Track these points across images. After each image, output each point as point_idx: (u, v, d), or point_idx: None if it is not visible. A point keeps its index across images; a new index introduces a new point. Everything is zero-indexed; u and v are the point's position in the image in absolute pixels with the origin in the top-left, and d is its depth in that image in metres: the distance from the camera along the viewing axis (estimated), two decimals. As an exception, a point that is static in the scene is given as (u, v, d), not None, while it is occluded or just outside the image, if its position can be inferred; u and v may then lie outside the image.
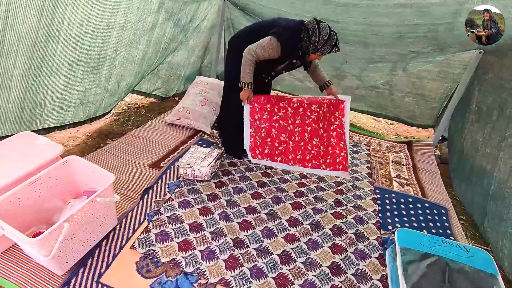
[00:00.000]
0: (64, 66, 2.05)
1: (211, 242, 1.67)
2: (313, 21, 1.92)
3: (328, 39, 1.90)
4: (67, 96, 2.20)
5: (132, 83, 2.73)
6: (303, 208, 1.99)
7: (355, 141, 3.04)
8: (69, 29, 1.92)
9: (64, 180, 1.59)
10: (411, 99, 3.37)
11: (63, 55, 1.99)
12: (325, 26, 1.90)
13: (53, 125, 2.24)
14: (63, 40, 1.93)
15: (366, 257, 1.71)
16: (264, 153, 2.19)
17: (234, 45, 2.14)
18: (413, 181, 2.54)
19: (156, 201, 1.89)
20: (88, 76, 2.27)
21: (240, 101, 2.13)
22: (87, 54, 2.15)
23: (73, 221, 1.33)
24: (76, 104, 2.30)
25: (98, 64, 2.28)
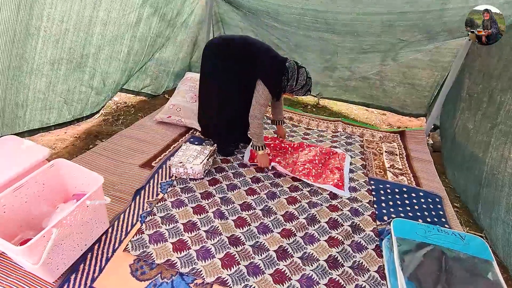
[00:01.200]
0: (45, 64, 1.98)
1: (206, 241, 1.64)
2: (294, 64, 2.03)
3: (304, 85, 2.05)
4: (50, 95, 2.13)
5: (119, 80, 2.66)
6: (299, 203, 1.97)
7: (348, 133, 3.03)
8: (49, 26, 1.84)
9: (52, 184, 1.54)
10: (402, 88, 3.37)
11: (43, 53, 1.92)
12: (304, 72, 2.03)
13: (38, 126, 2.17)
14: (43, 38, 1.85)
15: (363, 249, 1.70)
16: None
17: (217, 60, 2.11)
18: (407, 171, 2.54)
19: (148, 201, 1.85)
20: (71, 75, 2.20)
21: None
22: (69, 51, 2.08)
23: (62, 226, 1.29)
24: (60, 103, 2.23)
25: (81, 62, 2.21)
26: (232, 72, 2.08)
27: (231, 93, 2.15)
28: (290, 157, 2.45)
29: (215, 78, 2.15)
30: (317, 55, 3.29)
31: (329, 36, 2.82)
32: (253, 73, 2.05)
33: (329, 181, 2.19)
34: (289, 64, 2.03)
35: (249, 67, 2.04)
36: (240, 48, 2.08)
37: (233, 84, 2.11)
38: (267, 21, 3.00)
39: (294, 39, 3.15)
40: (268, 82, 2.02)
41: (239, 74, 2.08)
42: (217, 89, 2.18)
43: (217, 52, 2.11)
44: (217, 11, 3.43)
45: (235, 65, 2.06)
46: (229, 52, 2.08)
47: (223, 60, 2.09)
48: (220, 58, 2.10)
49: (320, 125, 3.15)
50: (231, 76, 2.09)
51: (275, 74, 2.03)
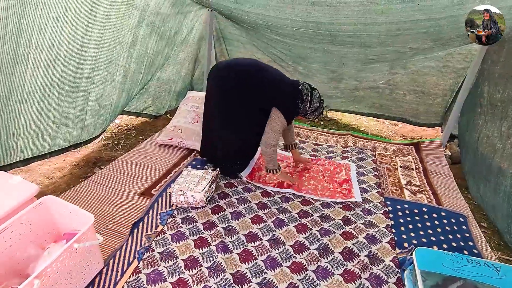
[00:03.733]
0: (36, 91, 1.91)
1: (208, 280, 1.49)
2: (308, 87, 1.99)
3: (318, 108, 2.00)
4: (42, 122, 2.05)
5: (117, 102, 2.58)
6: (309, 231, 1.81)
7: (359, 147, 2.86)
8: (38, 53, 1.78)
9: (40, 223, 1.43)
10: (414, 97, 3.21)
11: (33, 80, 1.85)
12: (317, 94, 2.00)
13: (32, 155, 2.09)
14: (32, 65, 1.79)
15: (383, 283, 1.52)
16: (259, 181, 2.27)
17: (223, 87, 2.01)
18: (425, 187, 2.35)
19: (147, 235, 1.73)
20: (63, 100, 2.13)
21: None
22: (61, 77, 2.01)
23: (46, 275, 1.17)
24: (54, 129, 2.15)
25: (74, 86, 2.14)
26: (235, 96, 1.98)
27: (234, 117, 2.05)
28: (292, 174, 2.37)
29: (216, 100, 2.07)
30: (322, 66, 3.16)
31: (334, 47, 2.70)
32: (262, 98, 1.96)
33: (337, 195, 2.15)
34: (303, 87, 1.99)
35: (257, 93, 1.95)
36: (249, 73, 1.98)
37: (237, 107, 2.01)
38: (269, 35, 2.90)
39: (297, 51, 3.04)
40: (284, 109, 1.97)
41: (244, 98, 1.97)
42: (218, 112, 2.09)
43: (219, 76, 2.02)
44: (218, 27, 3.36)
45: (239, 90, 1.96)
46: (235, 77, 1.98)
47: (224, 85, 2.00)
48: (221, 83, 2.01)
49: (329, 140, 3.00)
50: (234, 100, 1.99)
51: (291, 100, 1.98)
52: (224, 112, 2.05)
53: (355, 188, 2.22)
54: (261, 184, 2.22)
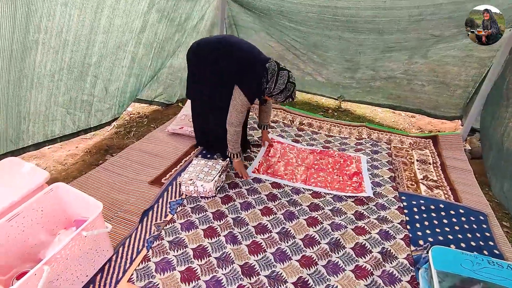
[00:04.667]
0: (45, 77, 1.91)
1: (217, 270, 1.48)
2: (275, 66, 1.86)
3: (283, 90, 1.86)
4: (51, 107, 2.07)
5: (124, 88, 2.56)
6: (320, 224, 1.77)
7: (373, 140, 2.77)
8: (47, 39, 1.76)
9: (51, 210, 1.44)
10: (433, 88, 3.06)
11: (43, 66, 1.85)
12: (285, 76, 1.85)
13: (42, 139, 2.11)
14: (41, 51, 1.78)
15: (396, 282, 1.47)
16: (267, 172, 2.24)
17: (199, 67, 2.00)
18: (442, 183, 2.26)
19: (156, 223, 1.72)
20: (72, 85, 2.13)
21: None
22: (70, 62, 2.00)
23: (56, 261, 1.17)
24: (63, 114, 2.17)
25: (82, 71, 2.14)
26: (209, 74, 1.96)
27: (214, 98, 2.03)
28: (299, 167, 2.31)
29: (191, 84, 2.12)
30: (337, 55, 3.05)
31: (350, 35, 2.58)
32: (231, 75, 1.89)
33: (348, 189, 2.08)
34: (270, 64, 1.84)
35: (226, 69, 1.89)
36: (219, 50, 1.92)
37: (214, 87, 1.99)
38: (282, 21, 2.80)
39: (312, 39, 2.93)
40: (246, 88, 1.86)
41: (217, 77, 1.94)
42: (196, 96, 2.14)
43: (194, 56, 2.01)
44: (230, 14, 3.28)
45: (211, 68, 1.93)
46: (206, 55, 1.95)
47: (198, 64, 1.99)
48: (195, 62, 2.01)
49: (343, 131, 2.91)
50: (208, 78, 1.99)
51: (255, 79, 1.84)
52: (206, 93, 2.03)
53: (366, 181, 2.15)
54: (269, 176, 2.18)
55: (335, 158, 2.42)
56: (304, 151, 2.50)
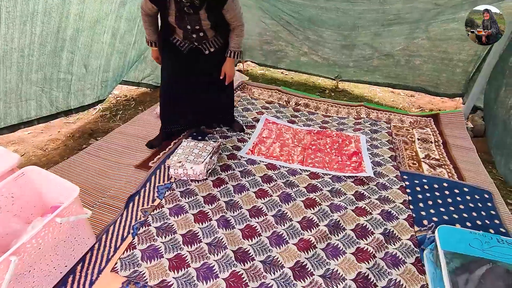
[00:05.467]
0: (14, 52, 1.73)
1: (208, 257, 1.37)
2: None
3: None
4: (23, 86, 1.90)
5: (106, 66, 2.39)
6: (318, 206, 1.66)
7: (372, 119, 2.65)
8: (11, 7, 1.58)
9: (24, 196, 1.31)
10: (434, 65, 2.92)
11: (9, 38, 1.67)
12: None
13: (17, 121, 1.96)
14: (6, 21, 1.60)
15: (400, 264, 1.38)
16: (261, 153, 2.13)
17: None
18: (445, 161, 2.16)
19: (143, 209, 1.60)
20: (46, 61, 1.95)
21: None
22: (41, 35, 1.82)
23: (25, 251, 1.05)
24: (37, 93, 2.00)
25: (56, 46, 1.96)
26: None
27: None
28: (296, 148, 2.19)
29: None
30: (334, 31, 2.88)
31: (348, 5, 2.42)
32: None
33: (347, 169, 1.99)
34: None
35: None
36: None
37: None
38: (275, -7, 2.62)
39: (307, 13, 2.76)
40: None
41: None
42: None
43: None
44: (220, -12, 3.07)
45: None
46: None
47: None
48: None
49: (341, 111, 2.79)
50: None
51: None
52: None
53: (366, 161, 2.04)
54: (264, 157, 2.06)
55: (333, 138, 2.30)
56: (300, 131, 2.38)
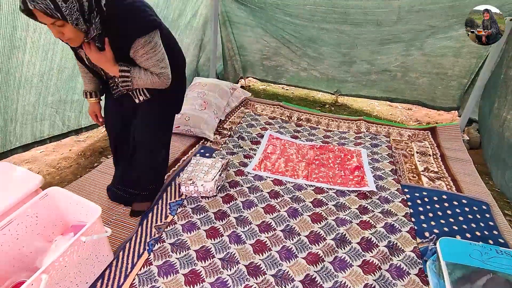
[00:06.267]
0: (34, 77, 1.84)
1: (222, 272, 1.44)
2: None
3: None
4: (40, 107, 2.00)
5: None
6: (324, 220, 1.73)
7: (372, 133, 2.75)
8: (36, 37, 1.69)
9: (47, 215, 1.38)
10: (429, 80, 3.06)
11: (31, 66, 1.77)
12: None
13: (31, 140, 2.05)
14: (30, 50, 1.71)
15: (404, 275, 1.45)
16: (268, 169, 2.20)
17: None
18: (444, 174, 2.25)
19: (157, 226, 1.67)
20: (62, 85, 2.06)
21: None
22: (60, 62, 1.92)
23: (54, 269, 1.11)
24: (52, 114, 2.10)
25: (74, 71, 2.06)
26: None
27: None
28: (300, 163, 2.28)
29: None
30: (333, 49, 3.02)
31: (347, 27, 2.56)
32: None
33: (350, 183, 2.05)
34: None
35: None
36: None
37: None
38: (278, 15, 2.76)
39: (307, 33, 2.89)
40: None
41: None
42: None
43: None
44: (223, 10, 3.22)
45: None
46: None
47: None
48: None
49: (341, 126, 2.89)
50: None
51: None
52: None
53: (368, 175, 2.13)
54: (270, 173, 2.14)
55: (335, 152, 2.39)
56: (303, 146, 2.47)
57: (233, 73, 3.65)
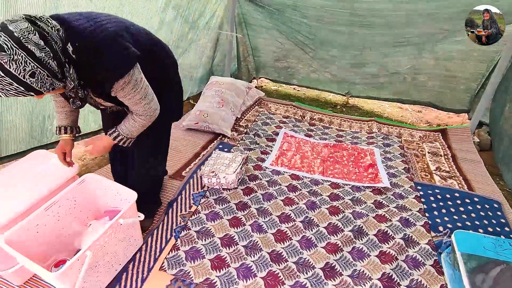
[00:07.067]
0: None
1: (246, 258, 1.51)
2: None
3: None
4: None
5: None
6: (342, 213, 1.80)
7: (384, 133, 2.82)
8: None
9: (83, 200, 1.46)
10: (440, 82, 3.12)
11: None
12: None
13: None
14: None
15: (420, 265, 1.51)
16: (284, 164, 2.28)
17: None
18: (455, 173, 2.31)
19: (182, 215, 1.75)
20: None
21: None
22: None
23: (95, 248, 1.20)
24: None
25: None
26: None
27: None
28: (315, 160, 2.35)
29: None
30: (346, 51, 3.10)
31: (363, 30, 2.64)
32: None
33: (364, 180, 2.14)
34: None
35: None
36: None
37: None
38: (295, 17, 2.84)
39: (321, 35, 2.98)
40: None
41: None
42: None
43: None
44: (240, 11, 3.31)
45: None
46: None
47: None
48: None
49: (353, 126, 2.96)
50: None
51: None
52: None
53: (382, 173, 2.20)
54: (287, 168, 2.22)
55: (349, 151, 2.46)
56: (318, 144, 2.55)
57: (247, 73, 3.74)
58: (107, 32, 1.05)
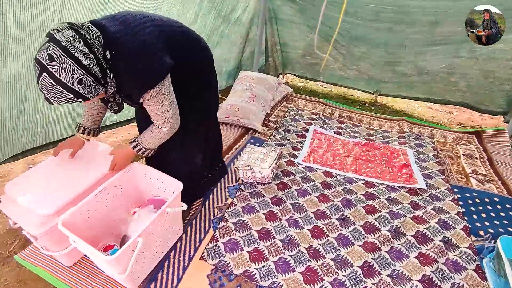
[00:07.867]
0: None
1: (283, 252, 1.53)
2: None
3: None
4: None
5: None
6: (378, 212, 1.79)
7: (415, 133, 2.76)
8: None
9: (128, 188, 1.51)
10: (477, 82, 2.99)
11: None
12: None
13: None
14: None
15: (462, 270, 1.48)
16: (316, 161, 2.27)
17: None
18: (493, 177, 2.24)
19: (218, 206, 1.78)
20: None
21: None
22: None
23: (145, 235, 1.23)
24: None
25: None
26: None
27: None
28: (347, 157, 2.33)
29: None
30: (380, 48, 3.03)
31: (401, 27, 2.57)
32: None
33: (399, 179, 2.10)
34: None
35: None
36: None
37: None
38: (331, 13, 2.79)
39: (355, 31, 2.92)
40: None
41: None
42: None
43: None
44: (271, 6, 3.29)
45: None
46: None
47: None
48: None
49: (383, 125, 2.91)
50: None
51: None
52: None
53: (417, 173, 2.16)
54: (319, 165, 2.21)
55: (381, 150, 2.43)
56: (348, 142, 2.52)
57: (274, 68, 3.73)
58: (139, 42, 1.06)
